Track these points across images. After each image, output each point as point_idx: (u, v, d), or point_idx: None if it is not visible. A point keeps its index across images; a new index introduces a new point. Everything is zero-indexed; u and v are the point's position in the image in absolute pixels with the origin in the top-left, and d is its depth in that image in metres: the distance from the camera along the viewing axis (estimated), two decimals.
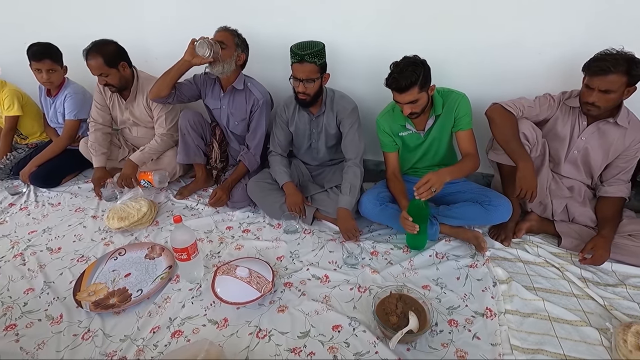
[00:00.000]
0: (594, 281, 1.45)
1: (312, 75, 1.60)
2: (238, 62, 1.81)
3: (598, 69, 1.36)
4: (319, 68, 1.61)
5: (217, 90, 1.94)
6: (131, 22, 2.19)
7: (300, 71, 1.59)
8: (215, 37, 1.74)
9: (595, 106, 1.42)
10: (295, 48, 1.59)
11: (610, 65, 1.33)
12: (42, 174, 2.14)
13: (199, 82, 1.95)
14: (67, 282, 1.50)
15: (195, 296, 1.41)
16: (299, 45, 1.59)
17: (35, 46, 2.01)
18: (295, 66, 1.60)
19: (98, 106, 2.10)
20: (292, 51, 1.59)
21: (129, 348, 1.21)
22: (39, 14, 2.37)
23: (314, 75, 1.60)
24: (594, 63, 1.38)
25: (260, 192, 1.86)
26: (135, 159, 2.01)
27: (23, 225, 1.87)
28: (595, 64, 1.37)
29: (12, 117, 2.27)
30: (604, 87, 1.36)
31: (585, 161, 1.60)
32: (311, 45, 1.58)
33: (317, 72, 1.61)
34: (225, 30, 1.77)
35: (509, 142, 1.49)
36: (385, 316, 1.22)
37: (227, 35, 1.76)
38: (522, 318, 1.29)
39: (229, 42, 1.75)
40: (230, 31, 1.77)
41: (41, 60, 2.01)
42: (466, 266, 1.53)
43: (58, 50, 2.08)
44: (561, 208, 1.65)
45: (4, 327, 1.30)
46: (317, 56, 1.58)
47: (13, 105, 2.24)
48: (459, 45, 1.78)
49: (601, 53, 1.38)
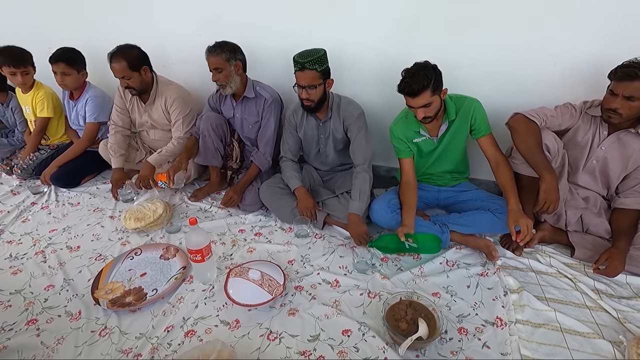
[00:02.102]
0: (608, 293, 1.43)
1: (313, 81, 1.63)
2: (238, 72, 1.87)
3: (625, 74, 1.35)
4: (321, 74, 1.64)
5: (229, 101, 2.03)
6: (151, 29, 2.26)
7: (302, 78, 1.63)
8: (209, 66, 1.82)
9: (617, 113, 1.40)
10: (296, 56, 1.63)
11: (638, 72, 1.32)
12: (63, 174, 2.21)
13: (213, 103, 2.08)
14: (85, 279, 1.55)
15: (208, 297, 1.44)
16: (300, 53, 1.63)
17: (56, 50, 2.09)
18: (297, 74, 1.64)
19: (118, 109, 2.17)
20: (294, 60, 1.63)
21: (144, 346, 1.25)
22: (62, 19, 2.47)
23: (315, 81, 1.63)
24: (621, 69, 1.38)
25: (272, 196, 1.89)
26: (152, 161, 2.06)
27: (44, 223, 1.94)
28: (623, 70, 1.37)
29: (44, 118, 2.36)
30: (628, 93, 1.36)
31: (604, 171, 1.59)
32: (312, 53, 1.61)
33: (319, 79, 1.64)
34: (211, 55, 1.80)
35: (533, 153, 1.46)
36: (395, 322, 1.23)
37: (215, 58, 1.79)
38: (533, 328, 1.28)
39: (220, 63, 1.80)
40: (216, 52, 1.79)
41: (55, 63, 2.09)
42: (477, 274, 1.52)
43: (75, 55, 2.14)
44: (575, 218, 1.63)
45: (26, 321, 1.36)
46: (318, 63, 1.61)
47: (46, 107, 2.33)
48: (472, 53, 1.79)
49: (630, 60, 1.38)
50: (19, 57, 2.19)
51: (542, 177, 1.43)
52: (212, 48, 1.81)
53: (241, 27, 2.05)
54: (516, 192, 1.53)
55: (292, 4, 1.96)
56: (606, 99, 1.44)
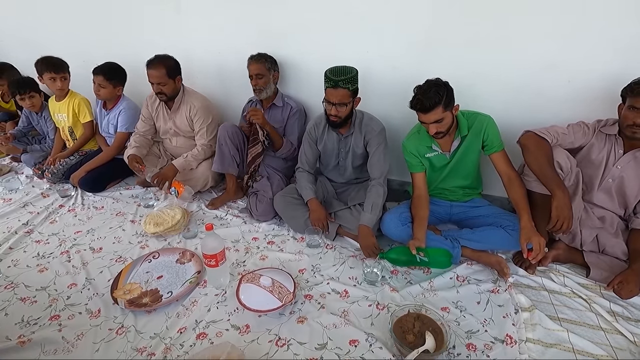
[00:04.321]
0: (624, 316, 1.40)
1: (344, 99, 1.68)
2: (275, 81, 2.06)
3: None
4: (351, 93, 1.69)
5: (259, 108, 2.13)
6: (178, 45, 2.39)
7: (334, 95, 1.68)
8: (250, 72, 2.01)
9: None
10: (329, 73, 1.68)
11: None
12: (90, 179, 2.34)
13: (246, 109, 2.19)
14: (105, 280, 1.62)
15: (221, 301, 1.48)
16: (333, 70, 1.68)
17: (103, 63, 2.28)
18: (328, 90, 1.69)
19: (143, 118, 2.31)
20: (327, 76, 1.68)
21: (158, 345, 1.30)
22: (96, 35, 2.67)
23: (346, 99, 1.68)
24: (639, 85, 1.38)
25: (286, 206, 1.94)
26: (177, 165, 2.17)
27: (70, 225, 2.04)
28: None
29: (89, 122, 2.54)
30: None
31: (620, 191, 1.57)
32: (345, 72, 1.66)
33: (349, 97, 1.69)
34: (256, 62, 2.02)
35: (544, 170, 1.46)
36: (402, 334, 1.24)
37: (259, 66, 2.01)
38: (544, 348, 1.26)
39: (262, 70, 2.00)
40: (260, 60, 2.01)
41: (96, 74, 2.26)
42: (487, 291, 1.51)
43: (116, 72, 2.31)
44: (591, 238, 1.61)
45: (49, 317, 1.43)
46: (350, 82, 1.66)
47: (87, 112, 2.52)
48: (486, 71, 1.81)
49: None
50: (58, 64, 2.38)
51: (553, 193, 1.42)
52: (256, 56, 2.02)
53: (263, 42, 2.15)
54: (528, 209, 1.53)
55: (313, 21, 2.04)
56: (627, 116, 1.43)
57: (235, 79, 2.33)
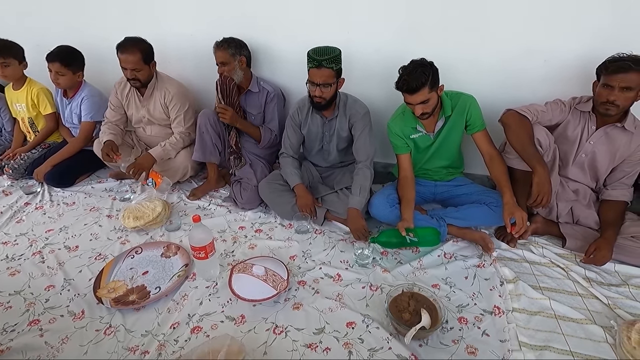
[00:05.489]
0: (598, 281, 1.50)
1: (328, 80, 1.65)
2: (242, 66, 1.96)
3: (619, 67, 1.40)
4: (335, 73, 1.66)
5: None
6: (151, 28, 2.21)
7: (318, 76, 1.64)
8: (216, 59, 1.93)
9: (615, 105, 1.45)
10: (312, 53, 1.63)
11: (631, 63, 1.38)
12: (57, 173, 2.18)
13: None
14: (86, 279, 1.54)
15: (212, 293, 1.45)
16: (317, 50, 1.63)
17: (55, 48, 2.06)
18: (312, 71, 1.65)
19: (112, 107, 2.15)
20: (310, 56, 1.63)
21: (151, 343, 1.26)
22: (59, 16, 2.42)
23: (330, 80, 1.65)
24: (613, 63, 1.43)
25: (272, 193, 1.90)
26: (155, 154, 2.04)
27: (39, 224, 1.91)
28: (615, 63, 1.42)
29: (51, 114, 2.34)
30: (625, 84, 1.41)
31: (592, 165, 1.65)
32: (329, 51, 1.62)
33: (333, 77, 1.66)
34: (218, 50, 1.92)
35: (526, 147, 1.50)
36: (398, 313, 1.26)
37: (222, 53, 1.91)
38: (529, 316, 1.34)
39: (226, 58, 1.90)
40: (222, 47, 1.91)
41: (51, 61, 2.07)
42: (474, 266, 1.57)
43: (73, 56, 2.11)
44: (566, 210, 1.70)
45: (28, 322, 1.34)
46: (334, 62, 1.63)
47: (48, 103, 2.32)
48: (468, 50, 1.83)
49: (617, 54, 1.44)
50: (3, 48, 2.14)
51: (534, 170, 1.47)
52: (220, 43, 1.92)
53: (242, 27, 2.05)
54: (510, 186, 1.58)
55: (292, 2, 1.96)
56: (601, 93, 1.48)
57: (210, 62, 2.20)
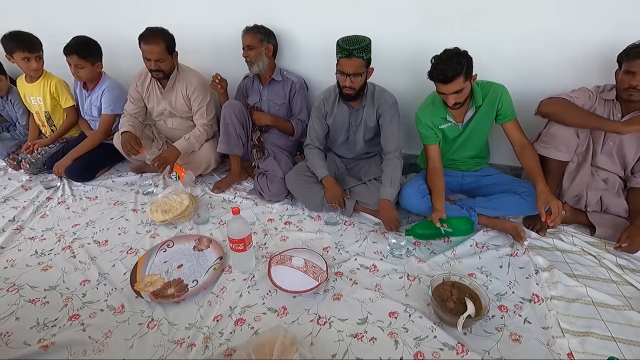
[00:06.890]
0: (630, 268, 1.52)
1: (359, 70, 1.63)
2: (268, 54, 1.95)
3: (639, 52, 1.43)
4: (366, 62, 1.64)
5: (256, 85, 2.03)
6: (166, 17, 2.19)
7: (348, 66, 1.62)
8: (243, 43, 1.92)
9: (638, 90, 1.47)
10: (342, 43, 1.61)
11: None
12: (78, 167, 2.15)
13: (243, 88, 2.13)
14: (120, 273, 1.53)
15: (251, 286, 1.45)
16: (347, 40, 1.61)
17: (71, 40, 2.01)
18: (342, 61, 1.62)
19: (132, 100, 2.12)
20: (340, 46, 1.61)
21: (196, 335, 1.26)
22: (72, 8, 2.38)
23: (360, 70, 1.63)
24: (633, 49, 1.45)
25: (300, 185, 1.90)
26: (180, 147, 2.02)
27: (64, 218, 1.89)
28: (636, 49, 1.44)
29: (71, 107, 2.31)
30: None
31: (620, 152, 1.66)
32: (359, 40, 1.60)
33: (363, 67, 1.64)
34: (247, 33, 1.92)
35: (586, 117, 1.54)
36: (442, 302, 1.27)
37: (251, 37, 1.91)
38: (567, 303, 1.35)
39: (254, 42, 1.90)
40: (252, 31, 1.91)
41: (69, 54, 2.02)
42: (507, 255, 1.59)
43: (90, 47, 2.06)
44: (596, 199, 1.71)
45: (68, 317, 1.34)
46: (365, 51, 1.61)
47: (68, 96, 2.29)
48: (491, 41, 1.81)
49: (638, 41, 1.46)
50: (32, 42, 2.10)
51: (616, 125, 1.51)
52: (250, 27, 1.92)
53: (261, 15, 2.02)
54: (543, 175, 1.59)
55: None
56: (623, 80, 1.50)
57: (229, 52, 2.18)
